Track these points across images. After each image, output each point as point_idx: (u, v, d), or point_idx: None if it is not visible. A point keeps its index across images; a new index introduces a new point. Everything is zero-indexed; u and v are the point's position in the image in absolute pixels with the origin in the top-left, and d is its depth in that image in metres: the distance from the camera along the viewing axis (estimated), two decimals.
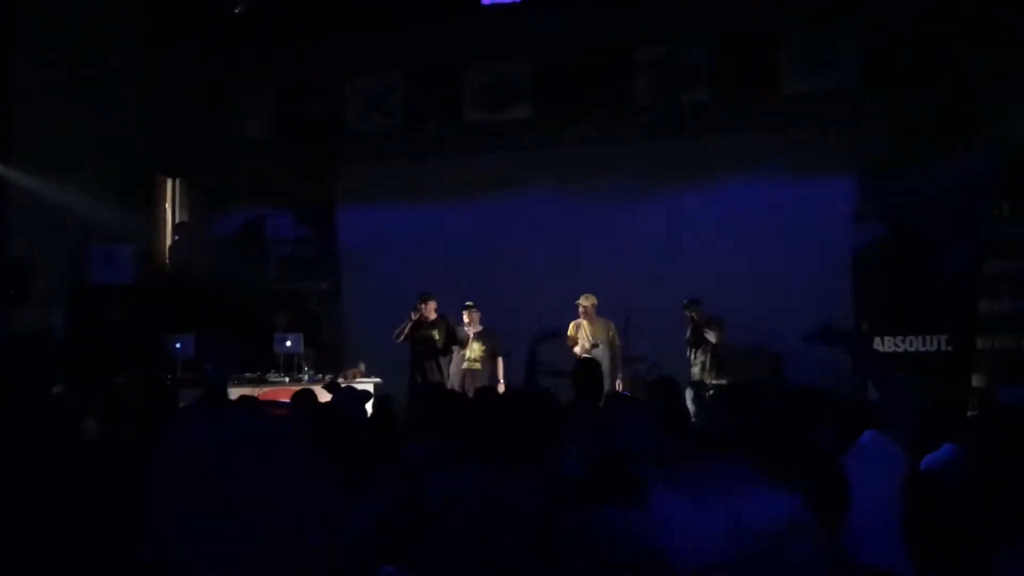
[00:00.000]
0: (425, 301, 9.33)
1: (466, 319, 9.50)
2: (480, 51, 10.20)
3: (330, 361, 10.39)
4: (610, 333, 9.25)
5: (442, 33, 10.18)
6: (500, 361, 9.47)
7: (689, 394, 8.69)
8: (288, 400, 6.52)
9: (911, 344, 8.28)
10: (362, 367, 9.85)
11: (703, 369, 9.10)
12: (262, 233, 11.41)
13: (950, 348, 8.13)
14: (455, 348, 9.47)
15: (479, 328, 9.53)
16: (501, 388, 8.91)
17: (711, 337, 9.07)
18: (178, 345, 9.47)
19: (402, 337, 9.33)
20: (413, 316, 9.27)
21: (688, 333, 9.20)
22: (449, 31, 10.16)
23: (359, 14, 9.94)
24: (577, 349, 9.16)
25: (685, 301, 9.21)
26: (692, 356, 9.23)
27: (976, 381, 7.95)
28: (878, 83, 9.15)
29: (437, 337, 9.31)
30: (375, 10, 9.87)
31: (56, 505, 2.99)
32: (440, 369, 9.32)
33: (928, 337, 8.23)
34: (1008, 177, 8.46)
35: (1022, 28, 8.47)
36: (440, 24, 10.11)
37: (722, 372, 9.25)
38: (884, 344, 8.38)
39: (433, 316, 9.37)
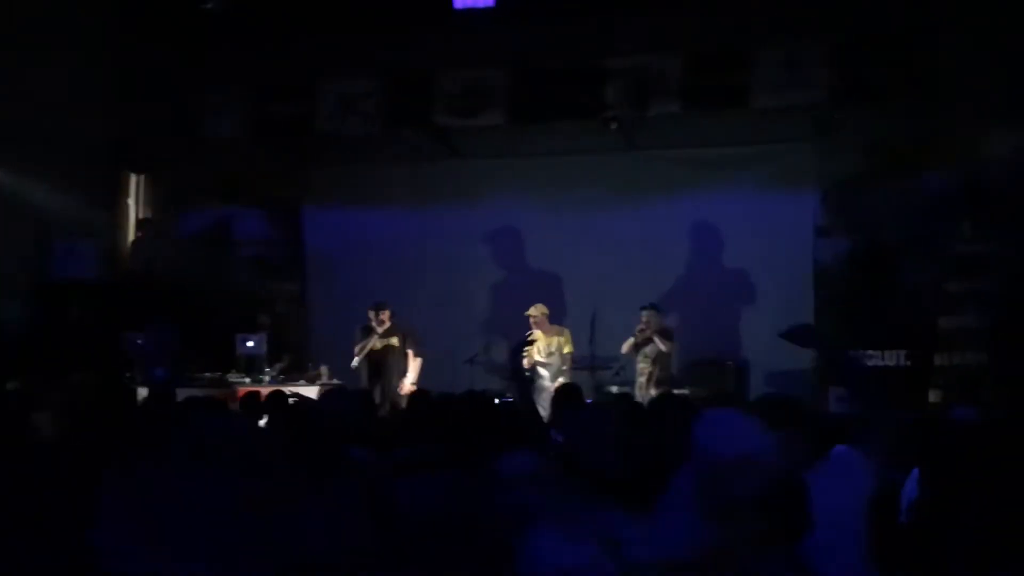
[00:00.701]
0: (379, 311, 9.23)
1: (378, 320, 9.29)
2: (453, 57, 10.19)
3: (294, 364, 10.32)
4: (562, 340, 9.24)
5: (415, 38, 10.16)
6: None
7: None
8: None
9: (871, 359, 8.36)
10: (324, 370, 9.78)
11: (649, 380, 8.96)
12: (228, 233, 11.29)
13: (909, 363, 8.22)
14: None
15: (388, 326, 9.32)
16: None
17: (662, 345, 8.96)
18: (139, 343, 9.35)
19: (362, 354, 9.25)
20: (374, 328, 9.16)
21: (633, 340, 9.06)
22: (423, 36, 10.14)
23: (333, 17, 9.89)
24: (526, 362, 9.15)
25: (645, 304, 9.17)
26: (639, 363, 9.09)
27: (933, 397, 8.06)
28: (846, 101, 9.25)
29: (397, 345, 9.22)
30: (349, 13, 9.82)
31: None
32: (400, 381, 9.18)
33: (888, 352, 8.32)
34: (970, 196, 8.59)
35: (988, 50, 8.62)
36: (413, 29, 10.09)
37: (675, 386, 9.29)
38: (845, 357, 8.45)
39: (388, 325, 9.26)
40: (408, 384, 9.04)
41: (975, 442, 3.82)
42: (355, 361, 9.28)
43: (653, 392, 8.73)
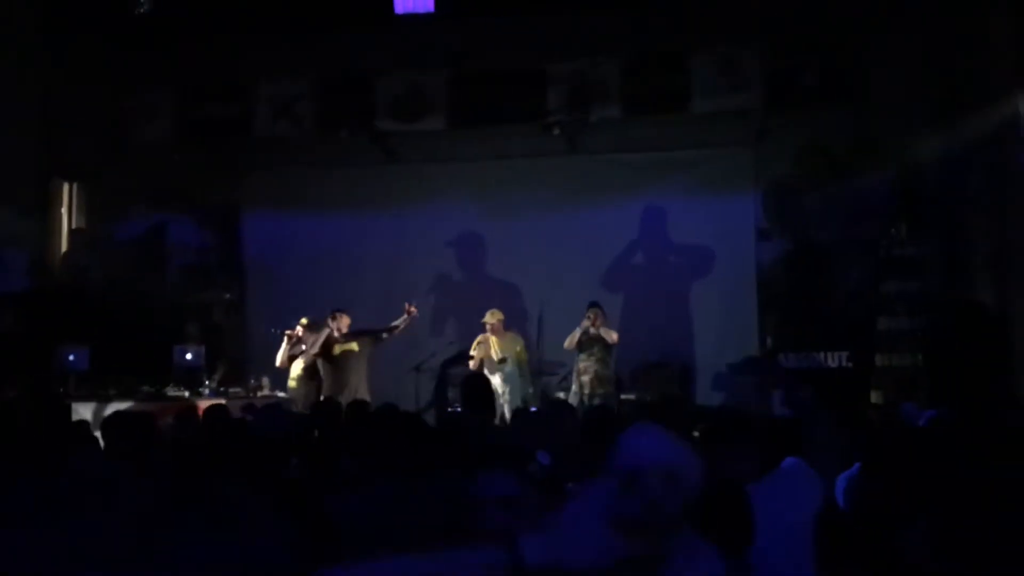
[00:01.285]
0: (336, 316, 9.11)
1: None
2: (394, 60, 10.10)
3: (231, 374, 10.10)
4: (518, 348, 9.22)
5: (355, 40, 10.05)
6: None
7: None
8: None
9: (813, 360, 8.49)
10: (266, 381, 9.60)
11: (595, 380, 8.94)
12: (163, 240, 11.01)
13: (850, 365, 8.37)
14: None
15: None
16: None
17: (608, 336, 8.95)
18: (71, 357, 9.07)
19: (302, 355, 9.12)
20: (329, 328, 9.03)
21: (579, 333, 9.01)
22: (362, 38, 10.03)
23: (269, 18, 9.72)
24: (473, 364, 9.14)
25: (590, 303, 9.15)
26: (581, 361, 9.03)
27: (875, 398, 8.22)
28: (782, 104, 9.39)
29: (358, 349, 9.10)
30: (286, 14, 9.66)
31: None
32: (365, 386, 9.01)
33: (829, 354, 8.46)
34: (905, 199, 8.78)
35: (920, 56, 8.82)
36: (353, 31, 9.98)
37: (620, 389, 9.34)
38: (788, 360, 8.59)
39: (346, 330, 9.13)
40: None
41: (922, 440, 3.89)
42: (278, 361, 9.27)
43: (599, 393, 8.77)
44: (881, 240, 8.75)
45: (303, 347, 9.19)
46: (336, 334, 9.00)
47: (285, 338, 9.33)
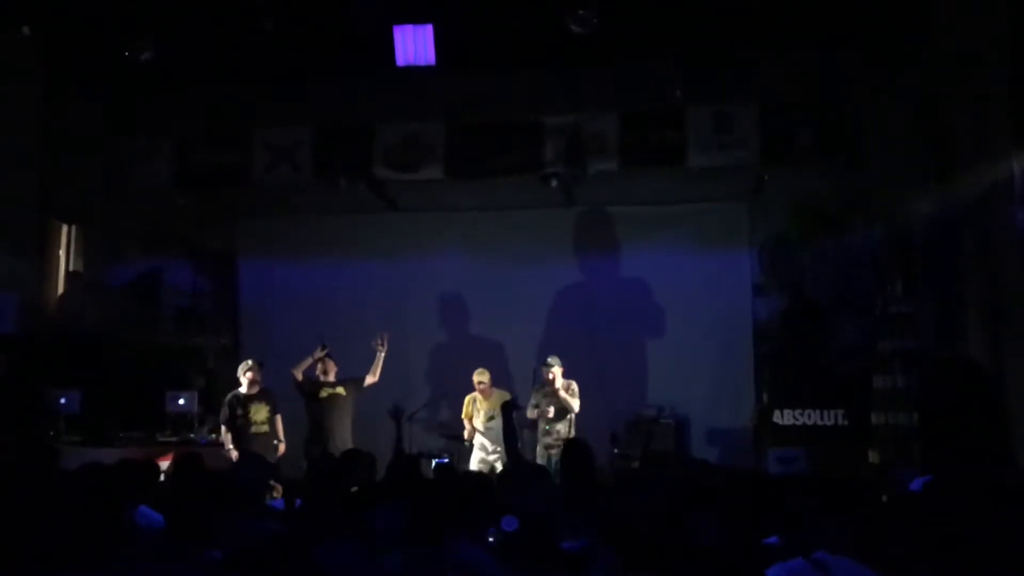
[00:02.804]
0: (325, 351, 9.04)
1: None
2: (393, 110, 10.18)
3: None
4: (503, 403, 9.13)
5: (354, 89, 10.14)
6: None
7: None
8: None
9: (809, 418, 8.44)
10: None
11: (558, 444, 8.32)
12: (158, 285, 11.00)
13: (847, 423, 8.31)
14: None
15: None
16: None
17: (571, 404, 8.50)
18: (63, 400, 9.01)
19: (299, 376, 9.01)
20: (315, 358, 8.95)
21: (538, 398, 8.65)
22: (362, 88, 10.13)
23: (269, 66, 9.81)
24: (466, 433, 9.06)
25: (545, 360, 8.76)
26: (545, 426, 8.60)
27: (872, 457, 8.15)
28: (778, 161, 9.46)
29: (344, 394, 9.01)
30: (286, 63, 9.76)
31: None
32: (350, 432, 8.89)
33: (826, 411, 8.40)
34: (900, 256, 8.80)
35: (915, 114, 8.90)
36: (353, 80, 10.07)
37: (615, 442, 9.18)
38: (784, 417, 8.54)
39: (332, 377, 9.05)
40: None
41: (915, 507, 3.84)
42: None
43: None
44: (876, 297, 8.76)
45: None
46: (322, 377, 8.94)
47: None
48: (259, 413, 8.81)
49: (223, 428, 8.76)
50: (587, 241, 10.59)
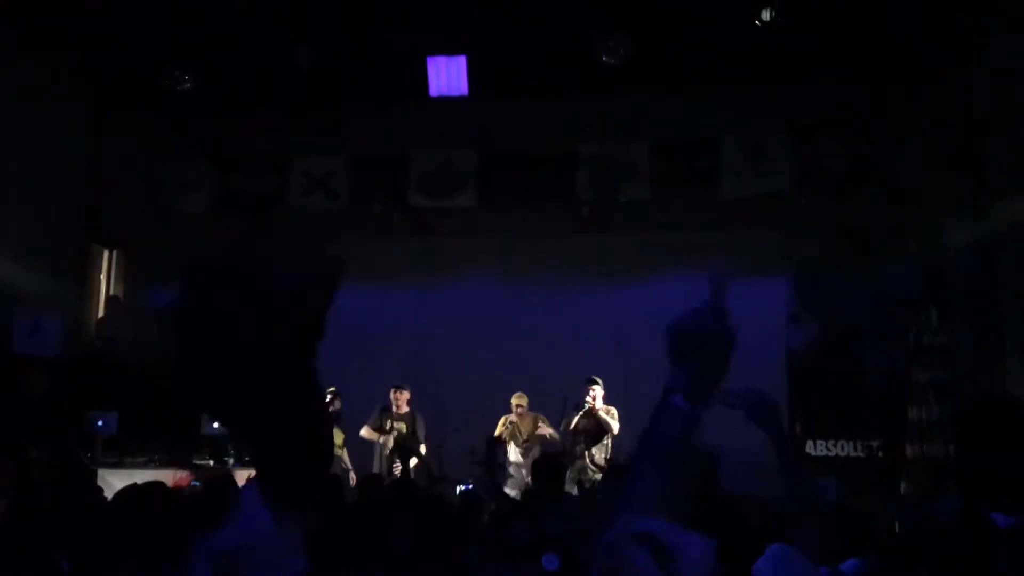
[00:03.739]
0: (399, 391, 9.18)
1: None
2: (427, 138, 10.30)
3: None
4: (538, 427, 9.15)
5: (390, 118, 10.27)
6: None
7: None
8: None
9: (842, 448, 8.34)
10: None
11: (591, 467, 8.55)
12: None
13: (880, 454, 8.20)
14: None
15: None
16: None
17: (612, 426, 8.57)
18: (100, 423, 9.15)
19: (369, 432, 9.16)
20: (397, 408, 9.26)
21: (576, 417, 8.70)
22: (397, 116, 10.26)
23: (307, 94, 9.99)
24: (511, 450, 9.09)
25: (588, 377, 8.86)
26: (581, 452, 8.64)
27: (904, 489, 8.03)
28: (811, 189, 9.42)
29: (405, 431, 9.11)
30: (323, 91, 9.93)
31: None
32: (406, 466, 9.07)
33: (859, 442, 8.30)
34: (935, 286, 8.70)
35: (950, 140, 8.83)
36: (387, 109, 10.21)
37: None
38: (816, 448, 8.44)
39: (405, 408, 9.20)
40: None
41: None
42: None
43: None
44: (911, 327, 8.65)
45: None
46: (395, 409, 9.12)
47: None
48: (337, 438, 9.06)
49: None
50: (619, 268, 10.58)
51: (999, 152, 7.86)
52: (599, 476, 8.49)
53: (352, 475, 8.97)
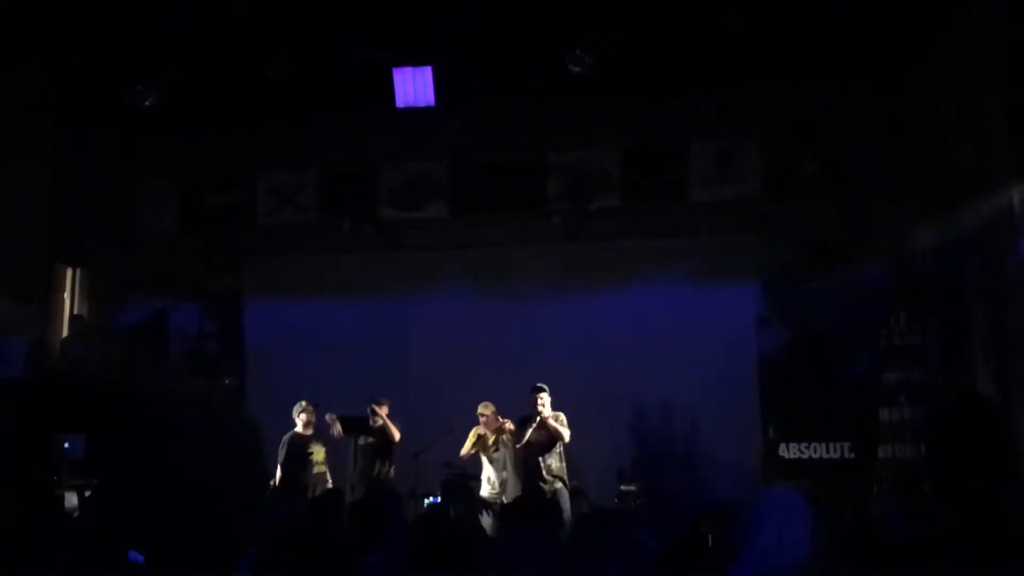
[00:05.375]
0: (379, 405, 9.17)
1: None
2: (396, 150, 10.26)
3: None
4: (505, 436, 9.09)
5: (357, 131, 10.22)
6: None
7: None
8: None
9: (815, 451, 8.34)
10: None
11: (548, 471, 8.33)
12: (164, 327, 11.03)
13: (853, 455, 8.21)
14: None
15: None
16: None
17: (562, 433, 8.37)
18: (67, 445, 8.99)
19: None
20: (373, 423, 9.09)
21: (529, 431, 8.45)
22: (364, 129, 10.21)
23: (271, 109, 9.92)
24: (463, 452, 9.02)
25: (534, 385, 8.68)
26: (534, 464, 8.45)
27: (877, 489, 8.05)
28: (780, 194, 9.47)
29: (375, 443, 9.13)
30: (288, 106, 9.86)
31: None
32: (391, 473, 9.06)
33: (832, 444, 8.31)
34: (904, 287, 8.77)
35: (918, 145, 8.91)
36: (354, 122, 10.15)
37: (621, 477, 9.10)
38: (789, 450, 8.45)
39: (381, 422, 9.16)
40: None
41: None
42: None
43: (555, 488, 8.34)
44: (881, 329, 8.70)
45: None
46: (375, 423, 9.12)
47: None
48: (319, 453, 9.10)
49: (279, 469, 8.80)
50: (590, 276, 10.57)
51: (966, 153, 7.93)
52: (558, 485, 8.38)
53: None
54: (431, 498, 9.18)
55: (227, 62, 9.13)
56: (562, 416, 8.58)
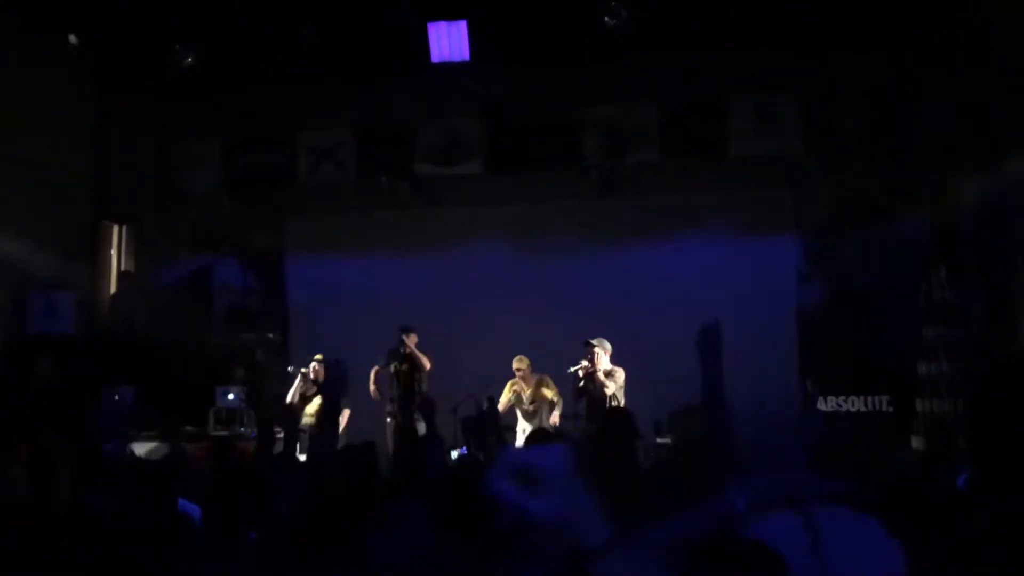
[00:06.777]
0: (407, 334, 9.35)
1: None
2: (431, 107, 10.27)
3: (274, 416, 10.20)
4: (547, 392, 9.14)
5: (393, 89, 10.24)
6: None
7: None
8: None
9: (853, 404, 8.33)
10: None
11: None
12: (208, 283, 11.25)
13: (891, 409, 8.20)
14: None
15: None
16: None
17: (609, 387, 8.22)
18: (116, 397, 9.25)
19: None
20: (403, 350, 9.43)
21: (580, 380, 8.38)
22: (400, 87, 10.23)
23: (310, 68, 9.97)
24: (502, 407, 9.11)
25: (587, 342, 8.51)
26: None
27: (916, 443, 8.05)
28: (821, 149, 9.36)
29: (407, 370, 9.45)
30: (326, 65, 9.90)
31: None
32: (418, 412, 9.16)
33: (870, 397, 8.30)
34: (945, 243, 8.68)
35: (959, 99, 8.76)
36: (391, 80, 10.17)
37: (658, 431, 9.13)
38: (827, 404, 8.46)
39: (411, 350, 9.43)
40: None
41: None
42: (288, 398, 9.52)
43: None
44: (921, 285, 8.64)
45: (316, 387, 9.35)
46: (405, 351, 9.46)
47: (300, 376, 9.51)
48: (311, 406, 9.32)
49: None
50: (629, 231, 10.57)
51: (1009, 109, 7.79)
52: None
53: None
54: (459, 450, 9.29)
55: (264, 22, 9.18)
56: (619, 372, 8.39)
